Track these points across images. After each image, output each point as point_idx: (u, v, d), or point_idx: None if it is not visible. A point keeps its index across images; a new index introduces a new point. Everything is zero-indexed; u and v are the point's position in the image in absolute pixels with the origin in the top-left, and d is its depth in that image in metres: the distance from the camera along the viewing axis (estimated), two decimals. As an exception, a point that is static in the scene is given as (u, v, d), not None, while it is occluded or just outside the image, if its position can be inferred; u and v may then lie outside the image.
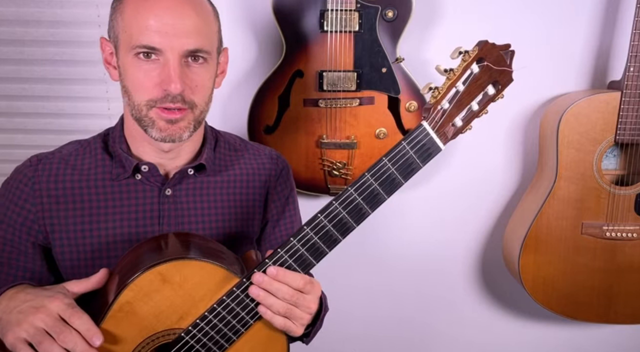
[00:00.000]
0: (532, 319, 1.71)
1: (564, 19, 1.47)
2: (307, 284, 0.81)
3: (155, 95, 0.85)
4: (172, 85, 0.83)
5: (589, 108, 1.35)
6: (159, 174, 0.94)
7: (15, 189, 0.93)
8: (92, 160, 0.95)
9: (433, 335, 1.74)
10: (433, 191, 1.60)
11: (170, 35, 0.82)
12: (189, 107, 0.87)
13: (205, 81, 0.89)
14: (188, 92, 0.86)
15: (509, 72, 0.78)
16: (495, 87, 0.78)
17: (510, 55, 0.78)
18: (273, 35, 1.42)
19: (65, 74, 1.46)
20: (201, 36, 0.85)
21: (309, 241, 0.80)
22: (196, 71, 0.87)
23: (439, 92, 0.77)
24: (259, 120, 1.41)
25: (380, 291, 1.69)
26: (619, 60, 1.48)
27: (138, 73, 0.85)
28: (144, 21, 0.83)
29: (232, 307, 0.81)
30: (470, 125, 0.80)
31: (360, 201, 0.79)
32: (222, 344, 0.83)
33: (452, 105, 0.77)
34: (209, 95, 0.92)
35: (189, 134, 0.90)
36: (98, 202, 0.92)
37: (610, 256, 1.43)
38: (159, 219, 0.94)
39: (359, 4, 1.30)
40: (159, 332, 0.81)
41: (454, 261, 1.67)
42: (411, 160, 0.78)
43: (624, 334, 1.71)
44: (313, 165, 1.42)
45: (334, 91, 1.36)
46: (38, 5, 1.41)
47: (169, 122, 0.87)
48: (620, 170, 1.45)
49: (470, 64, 0.76)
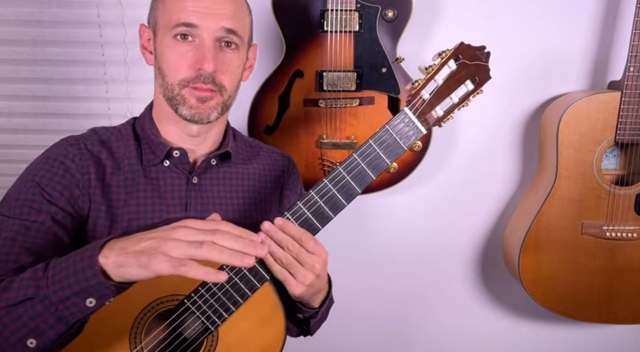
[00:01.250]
0: (532, 319, 1.71)
1: (564, 19, 1.47)
2: (309, 239, 0.84)
3: (189, 75, 0.90)
4: (206, 64, 0.89)
5: (589, 108, 1.35)
6: (187, 161, 0.97)
7: (61, 163, 0.91)
8: (125, 146, 0.98)
9: (433, 335, 1.74)
10: (433, 191, 1.60)
11: (207, 14, 0.89)
12: (219, 90, 0.92)
13: (236, 67, 0.95)
14: (219, 74, 0.91)
15: (486, 67, 0.88)
16: (474, 82, 0.88)
17: (486, 55, 0.88)
18: (273, 35, 1.42)
19: (65, 74, 1.46)
20: (236, 20, 0.92)
21: (315, 204, 0.86)
22: (228, 55, 0.93)
23: (419, 83, 0.88)
24: (259, 120, 1.41)
25: (379, 291, 1.69)
26: (619, 60, 1.48)
27: (174, 54, 0.91)
28: (184, 2, 0.89)
29: (230, 277, 0.84)
30: (451, 115, 0.89)
31: (349, 179, 0.86)
32: (221, 313, 0.85)
33: (432, 96, 0.87)
34: (238, 82, 0.97)
35: (217, 115, 0.94)
36: (130, 188, 0.94)
37: (610, 256, 1.43)
38: (187, 206, 0.96)
39: (359, 4, 1.30)
40: (164, 296, 0.83)
41: (454, 261, 1.67)
42: (394, 141, 0.87)
43: (624, 334, 1.71)
44: (313, 165, 1.42)
45: (334, 91, 1.36)
46: (38, 5, 1.41)
47: (200, 100, 0.92)
48: (620, 170, 1.45)
49: (447, 60, 0.87)
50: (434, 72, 0.87)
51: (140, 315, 0.83)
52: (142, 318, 0.84)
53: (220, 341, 0.87)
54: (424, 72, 0.88)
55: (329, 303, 1.01)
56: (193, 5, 0.89)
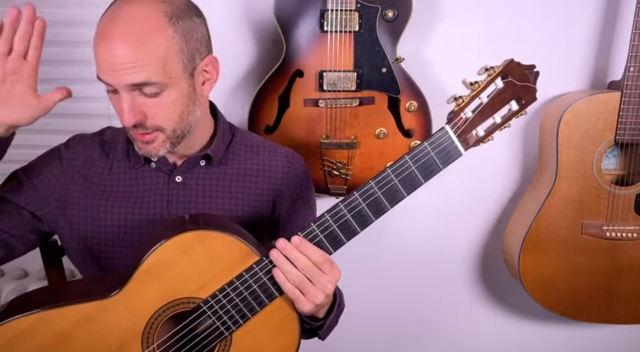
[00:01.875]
0: (532, 319, 1.71)
1: (564, 19, 1.47)
2: (326, 262, 0.83)
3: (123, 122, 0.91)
4: (124, 120, 0.89)
5: (589, 108, 1.35)
6: (168, 163, 1.01)
7: (58, 157, 1.03)
8: (122, 147, 1.03)
9: (433, 335, 1.74)
10: (433, 191, 1.59)
11: (115, 71, 0.86)
12: (155, 130, 0.92)
13: (166, 107, 0.91)
14: (149, 119, 0.90)
15: (533, 89, 0.83)
16: (519, 103, 0.83)
17: (535, 75, 0.82)
18: (273, 35, 1.42)
19: (65, 74, 1.46)
20: (148, 70, 0.86)
21: (341, 217, 0.84)
22: (151, 102, 0.89)
23: (463, 100, 0.81)
24: (259, 120, 1.41)
25: (379, 290, 1.69)
26: (619, 60, 1.48)
27: (112, 102, 0.93)
28: (98, 56, 0.88)
29: (250, 284, 0.83)
30: (492, 136, 0.85)
31: (380, 195, 0.82)
32: (237, 319, 0.85)
33: (475, 115, 0.82)
34: (179, 115, 0.93)
35: (166, 150, 0.95)
36: (117, 188, 1.01)
37: (610, 256, 1.43)
38: (168, 203, 1.01)
39: (359, 4, 1.29)
40: (180, 298, 0.84)
41: (454, 261, 1.67)
42: (431, 160, 0.82)
43: (624, 334, 1.71)
44: (313, 165, 1.42)
45: (334, 91, 1.36)
46: (38, 6, 1.40)
47: (144, 143, 0.94)
48: (620, 170, 1.45)
49: (494, 78, 0.81)
50: (480, 90, 0.81)
51: (154, 316, 0.84)
52: (155, 319, 0.84)
53: (232, 346, 0.87)
54: (468, 88, 0.83)
55: (337, 311, 0.99)
56: (103, 62, 0.87)
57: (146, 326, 0.84)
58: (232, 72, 1.48)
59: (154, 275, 0.82)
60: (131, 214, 1.00)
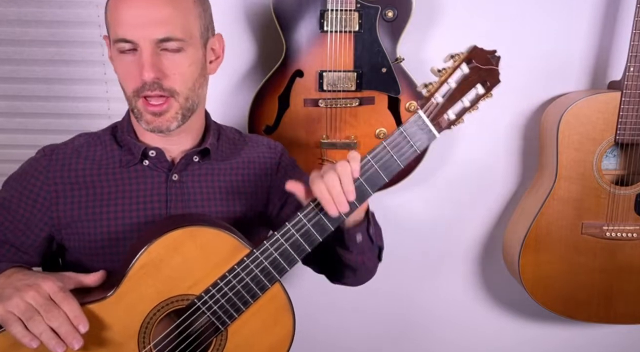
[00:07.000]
0: (532, 319, 1.71)
1: (564, 19, 1.47)
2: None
3: (136, 85, 0.91)
4: (145, 73, 0.88)
5: (589, 108, 1.35)
6: (165, 160, 0.99)
7: (30, 177, 0.98)
8: (103, 150, 1.01)
9: (432, 335, 1.74)
10: (433, 191, 1.60)
11: (140, 26, 0.88)
12: (170, 95, 0.92)
13: (184, 68, 0.93)
14: (165, 79, 0.91)
15: (496, 71, 0.88)
16: (484, 86, 0.88)
17: (497, 59, 0.89)
18: (273, 35, 1.42)
19: (65, 74, 1.46)
20: (172, 25, 0.89)
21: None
22: (171, 59, 0.91)
23: (433, 86, 0.87)
24: (259, 120, 1.41)
25: (379, 290, 1.69)
26: (619, 60, 1.48)
27: (121, 67, 0.93)
28: (120, 15, 0.89)
29: (242, 277, 0.84)
30: (462, 119, 0.89)
31: (362, 181, 0.86)
32: (232, 313, 0.86)
33: (445, 100, 0.87)
34: (193, 81, 0.95)
35: (178, 124, 0.94)
36: (109, 188, 0.98)
37: (610, 256, 1.43)
38: (167, 202, 0.99)
39: (359, 4, 1.30)
40: (174, 296, 0.84)
41: (453, 261, 1.67)
42: (408, 145, 0.86)
43: (623, 334, 1.71)
44: (313, 166, 1.42)
45: (334, 91, 1.36)
46: (38, 5, 1.41)
47: (154, 114, 0.92)
48: (620, 170, 1.45)
49: (460, 63, 0.86)
50: (447, 75, 0.86)
51: (149, 315, 0.84)
52: (151, 318, 0.84)
53: (229, 341, 0.87)
54: (436, 75, 0.87)
55: (374, 220, 1.01)
56: (127, 18, 0.88)
57: (141, 326, 0.84)
58: (232, 72, 1.48)
59: (147, 274, 0.82)
60: (129, 217, 0.97)
